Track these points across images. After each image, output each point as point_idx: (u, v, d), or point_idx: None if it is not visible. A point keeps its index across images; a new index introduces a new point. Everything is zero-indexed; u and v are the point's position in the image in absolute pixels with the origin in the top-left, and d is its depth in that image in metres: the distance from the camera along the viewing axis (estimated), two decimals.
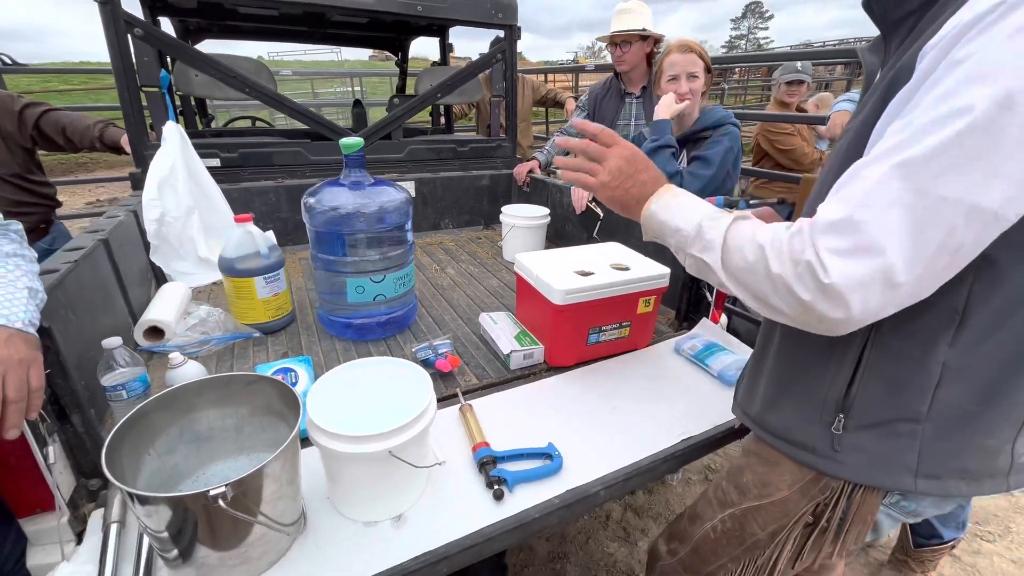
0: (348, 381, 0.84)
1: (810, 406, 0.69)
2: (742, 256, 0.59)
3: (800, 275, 0.53)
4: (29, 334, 0.67)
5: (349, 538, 0.76)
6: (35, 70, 3.48)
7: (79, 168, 8.57)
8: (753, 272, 0.58)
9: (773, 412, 0.74)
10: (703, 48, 1.57)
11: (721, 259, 0.62)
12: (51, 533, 0.76)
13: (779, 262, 0.55)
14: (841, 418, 0.65)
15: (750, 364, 0.85)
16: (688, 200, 0.71)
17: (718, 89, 8.40)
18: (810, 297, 0.52)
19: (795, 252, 0.54)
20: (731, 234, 0.62)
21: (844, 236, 0.50)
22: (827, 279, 0.50)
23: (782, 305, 0.56)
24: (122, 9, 1.55)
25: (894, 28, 0.62)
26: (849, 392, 0.65)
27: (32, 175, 1.90)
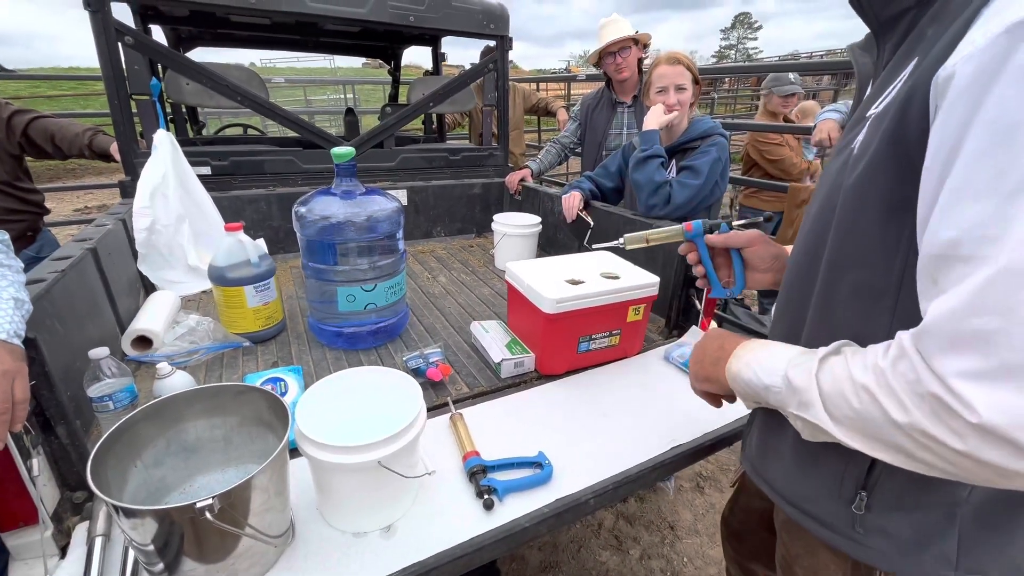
0: (337, 391, 0.84)
1: (828, 479, 0.61)
2: (848, 405, 0.47)
3: (935, 415, 0.40)
4: (14, 345, 0.66)
5: (338, 549, 0.75)
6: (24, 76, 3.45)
7: (67, 174, 8.49)
8: (871, 421, 0.45)
9: (792, 480, 0.67)
10: (691, 60, 1.59)
11: (828, 413, 0.50)
12: (34, 547, 0.75)
13: (897, 404, 0.43)
14: (863, 496, 0.57)
15: (759, 416, 0.75)
16: (767, 348, 0.61)
17: (708, 98, 8.51)
18: (967, 445, 0.39)
19: (911, 384, 0.42)
20: (824, 380, 0.50)
21: (977, 353, 0.38)
22: (974, 418, 0.38)
23: (932, 459, 0.43)
24: (113, 17, 1.55)
25: (887, 27, 0.57)
26: (872, 470, 0.56)
27: (20, 182, 1.88)
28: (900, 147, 0.47)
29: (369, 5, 1.86)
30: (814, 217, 0.61)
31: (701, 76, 1.65)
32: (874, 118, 0.52)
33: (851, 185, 0.52)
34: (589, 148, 2.42)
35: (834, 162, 0.58)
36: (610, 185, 1.89)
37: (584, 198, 1.81)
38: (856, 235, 0.53)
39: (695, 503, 2.01)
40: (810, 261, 0.61)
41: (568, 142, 2.46)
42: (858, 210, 0.52)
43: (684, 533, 1.88)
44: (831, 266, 0.57)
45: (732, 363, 0.65)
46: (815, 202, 0.62)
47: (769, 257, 0.81)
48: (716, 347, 0.70)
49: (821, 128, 2.13)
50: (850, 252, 0.54)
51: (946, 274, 0.41)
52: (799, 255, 0.65)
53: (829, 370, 0.50)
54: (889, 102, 0.50)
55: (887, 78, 0.53)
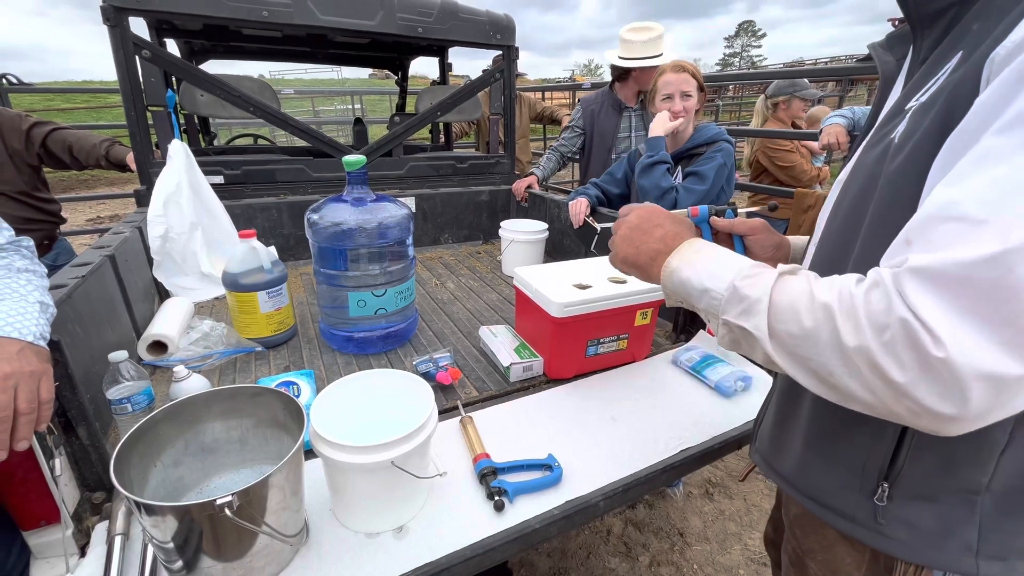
0: (351, 393, 0.85)
1: (848, 471, 0.60)
2: (797, 321, 0.47)
3: (890, 344, 0.40)
4: (40, 347, 0.69)
5: (351, 549, 0.76)
6: (40, 89, 3.54)
7: (80, 185, 8.64)
8: (813, 342, 0.45)
9: (808, 471, 0.66)
10: (696, 67, 1.61)
11: (768, 325, 0.49)
12: (55, 546, 0.77)
13: (853, 326, 0.43)
14: (885, 487, 0.56)
15: (772, 408, 0.75)
16: (717, 254, 0.60)
17: (712, 106, 8.55)
18: (906, 378, 0.40)
19: (876, 311, 0.41)
20: (779, 292, 0.50)
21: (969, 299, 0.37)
22: (939, 351, 0.38)
23: (855, 387, 0.44)
24: (131, 32, 1.59)
25: (927, 23, 0.56)
26: (895, 461, 0.55)
27: (38, 192, 1.93)
28: (949, 131, 0.45)
29: (379, 17, 1.90)
30: (848, 209, 0.59)
31: (705, 83, 1.67)
32: (917, 109, 0.51)
33: (893, 171, 0.51)
34: (598, 153, 2.44)
35: (868, 154, 0.57)
36: (616, 191, 1.90)
37: (591, 204, 1.82)
38: (895, 223, 0.49)
39: (704, 510, 2.00)
40: (840, 253, 0.59)
41: (566, 151, 2.48)
42: (899, 197, 0.50)
43: (694, 540, 1.86)
44: (865, 253, 0.55)
45: (672, 259, 0.63)
46: (846, 196, 0.60)
47: (771, 246, 0.82)
48: (656, 238, 0.67)
49: (828, 132, 2.14)
50: (884, 240, 0.50)
51: (928, 231, 0.41)
52: (826, 248, 0.63)
53: (787, 284, 0.50)
54: (936, 91, 0.49)
55: (928, 71, 0.53)
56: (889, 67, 0.64)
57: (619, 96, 2.38)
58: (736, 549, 1.82)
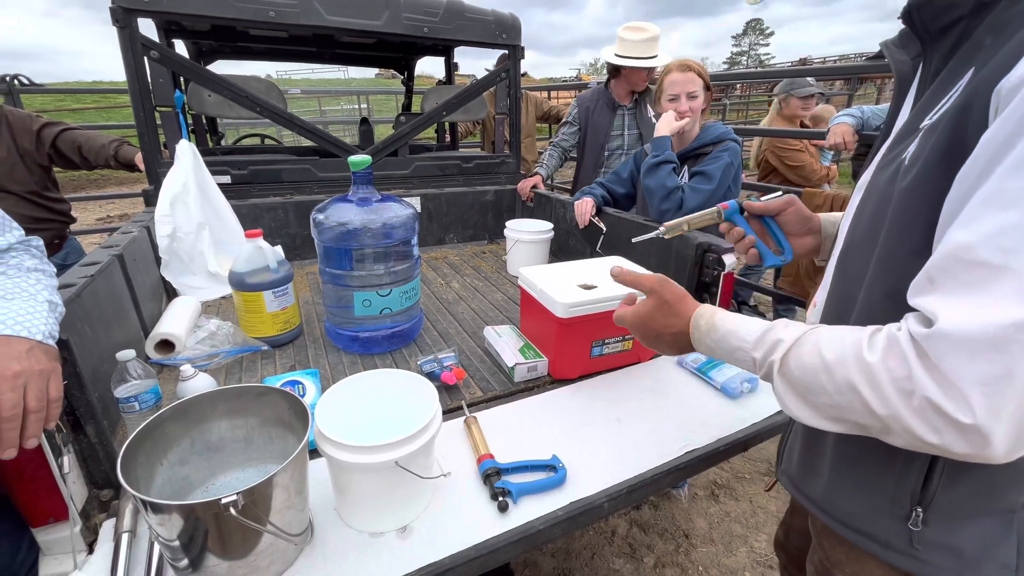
0: (355, 393, 0.85)
1: (879, 497, 0.59)
2: (824, 392, 0.50)
3: (919, 411, 0.42)
4: (49, 346, 0.69)
5: (355, 549, 0.76)
6: (50, 90, 3.59)
7: (90, 184, 8.73)
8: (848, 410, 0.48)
9: (837, 496, 0.65)
10: (702, 67, 1.60)
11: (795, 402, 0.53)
12: (63, 543, 0.78)
13: (880, 398, 0.45)
14: (919, 512, 0.56)
15: (799, 431, 0.74)
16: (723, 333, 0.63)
17: (719, 105, 8.50)
18: (940, 439, 0.42)
19: (899, 379, 0.43)
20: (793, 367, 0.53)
21: (986, 358, 0.39)
22: (966, 418, 0.40)
23: (894, 440, 0.47)
24: (139, 33, 1.60)
25: (937, 37, 0.55)
26: (927, 486, 0.55)
27: (48, 192, 1.95)
28: (953, 162, 0.45)
29: (384, 17, 1.91)
30: (864, 230, 0.59)
31: (712, 82, 1.66)
32: (926, 130, 0.51)
33: (901, 192, 0.51)
34: (591, 150, 2.46)
35: (882, 174, 0.57)
36: (622, 191, 1.89)
37: (596, 204, 1.82)
38: (906, 246, 0.51)
39: (710, 511, 1.99)
40: (858, 274, 0.59)
41: (567, 145, 2.51)
42: (908, 220, 0.51)
43: (699, 542, 1.85)
44: (879, 276, 0.55)
45: (698, 346, 0.67)
46: (863, 216, 0.60)
47: (803, 219, 0.82)
48: (667, 341, 0.71)
49: (835, 132, 2.12)
50: (897, 265, 0.52)
51: (950, 275, 0.42)
52: (847, 267, 0.63)
53: (796, 361, 0.53)
54: (942, 114, 0.49)
55: (939, 89, 0.53)
56: (904, 67, 0.62)
57: (613, 94, 2.40)
58: (742, 551, 1.81)
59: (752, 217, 0.86)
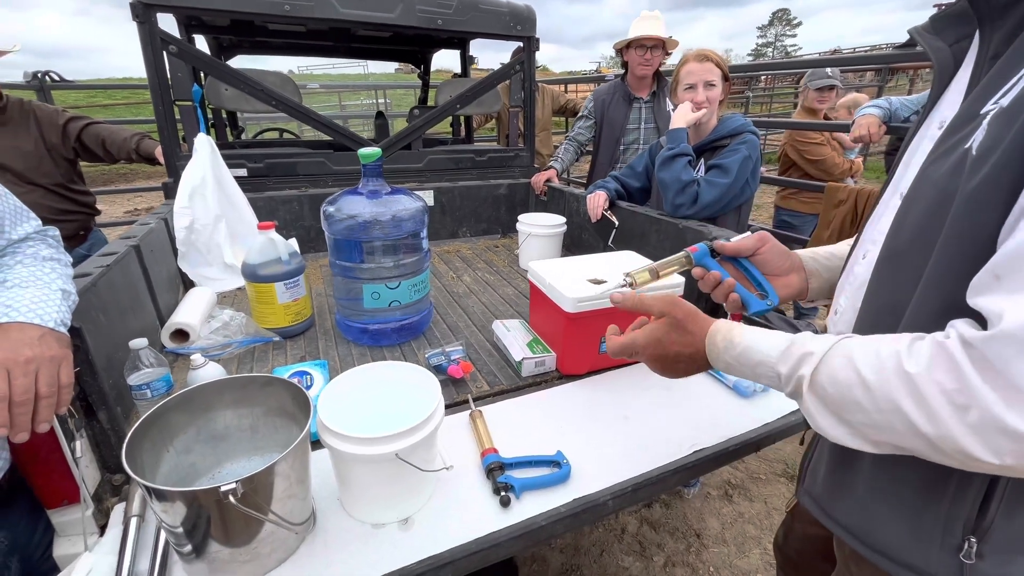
0: (359, 385, 0.85)
1: (925, 524, 0.53)
2: (861, 410, 0.46)
3: (977, 428, 0.38)
4: (61, 333, 0.71)
5: (357, 539, 0.77)
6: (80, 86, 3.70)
7: (119, 178, 8.99)
8: (889, 432, 0.44)
9: (875, 521, 0.59)
10: (721, 56, 1.56)
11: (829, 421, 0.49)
12: (76, 525, 0.80)
13: (926, 415, 0.40)
14: (972, 543, 0.50)
15: (825, 447, 0.68)
16: (743, 349, 0.58)
17: (742, 97, 8.30)
18: (1001, 460, 0.38)
19: (950, 392, 0.39)
20: (826, 382, 0.48)
21: None
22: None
23: (945, 460, 0.42)
24: (159, 28, 1.63)
25: (998, 14, 0.50)
26: (985, 512, 0.49)
27: (74, 184, 2.00)
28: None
29: (398, 10, 1.90)
30: (915, 229, 0.52)
31: (734, 74, 1.62)
32: (998, 115, 0.45)
33: (975, 188, 0.45)
34: (606, 143, 2.43)
35: (937, 167, 0.50)
36: (636, 185, 1.86)
37: (609, 198, 1.79)
38: (978, 246, 0.44)
39: (722, 511, 1.96)
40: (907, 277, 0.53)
41: (583, 139, 2.50)
42: (982, 218, 0.44)
43: (711, 542, 1.83)
44: (939, 278, 0.49)
45: (717, 365, 0.63)
46: (910, 213, 0.53)
47: (781, 256, 0.77)
48: (683, 368, 0.68)
49: (860, 124, 2.05)
50: (964, 265, 0.46)
51: (1018, 271, 0.37)
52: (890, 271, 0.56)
53: (829, 377, 0.48)
54: (1020, 95, 0.43)
55: (1006, 69, 0.47)
56: (942, 55, 0.57)
57: (630, 86, 2.37)
58: (755, 553, 1.78)
59: (725, 260, 0.79)
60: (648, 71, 2.27)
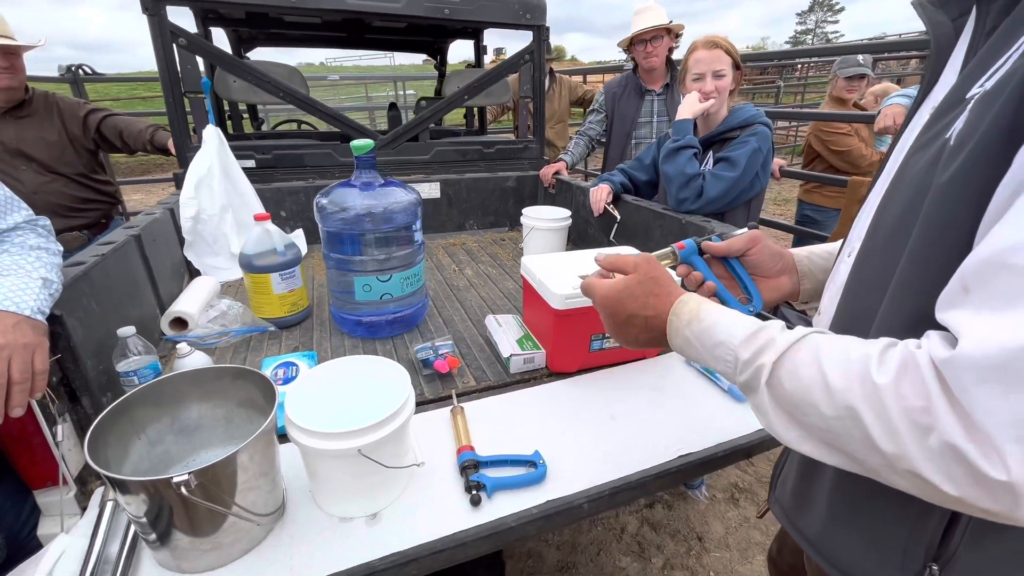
0: (331, 379, 0.85)
1: (886, 547, 0.51)
2: (818, 413, 0.42)
3: (937, 454, 0.35)
4: (37, 321, 0.73)
5: (323, 533, 0.77)
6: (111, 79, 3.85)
7: (156, 168, 9.33)
8: (846, 439, 0.40)
9: (836, 539, 0.57)
10: (731, 43, 1.48)
11: (781, 422, 0.46)
12: (60, 506, 0.83)
13: (887, 430, 0.37)
14: (934, 570, 0.48)
15: (794, 456, 0.66)
16: (708, 325, 0.54)
17: (773, 87, 7.93)
18: (959, 492, 0.34)
19: (913, 409, 0.35)
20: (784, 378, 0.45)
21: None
22: (998, 473, 0.32)
23: (902, 484, 0.38)
24: (168, 20, 1.66)
25: None
26: (947, 539, 0.46)
27: (95, 174, 2.08)
28: (1021, 132, 0.36)
29: (404, 0, 1.89)
30: (891, 227, 0.48)
31: (754, 64, 1.54)
32: (979, 99, 0.41)
33: (947, 182, 0.41)
34: (617, 137, 2.37)
35: (918, 157, 0.47)
36: (644, 178, 1.81)
37: (613, 191, 1.74)
38: (947, 251, 0.41)
39: (727, 515, 1.91)
40: (877, 282, 0.50)
41: (594, 133, 2.45)
42: (953, 217, 0.40)
43: (713, 546, 1.78)
44: (905, 285, 0.46)
45: (673, 341, 0.58)
46: (888, 209, 0.50)
47: (773, 258, 0.72)
48: (639, 328, 0.61)
49: (886, 114, 1.93)
50: (932, 272, 0.42)
51: (988, 284, 0.33)
52: (864, 274, 0.53)
53: (790, 371, 0.44)
54: (1006, 75, 0.39)
55: (996, 47, 0.42)
56: (943, 30, 0.51)
57: (641, 79, 2.30)
58: (759, 559, 1.72)
59: (714, 259, 0.75)
60: (656, 62, 2.20)
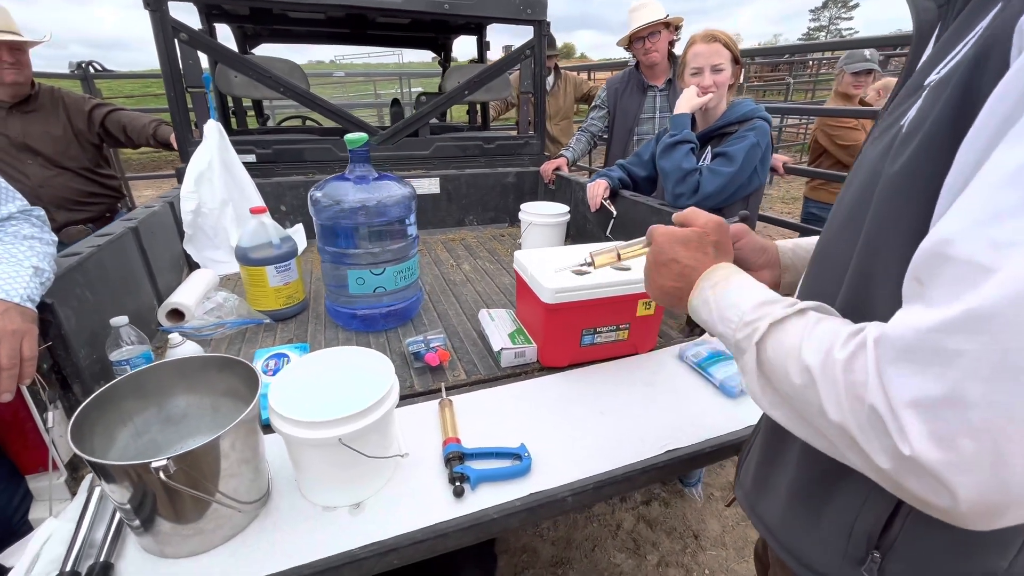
0: (316, 369, 0.86)
1: (834, 532, 0.51)
2: (788, 380, 0.42)
3: (866, 427, 0.35)
4: (26, 308, 0.74)
5: (306, 521, 0.77)
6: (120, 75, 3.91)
7: (167, 164, 9.42)
8: (806, 404, 0.40)
9: (792, 525, 0.57)
10: (730, 37, 1.47)
11: (758, 384, 0.46)
12: (53, 490, 0.84)
13: (835, 399, 0.37)
14: (876, 558, 0.48)
15: (758, 444, 0.66)
16: (728, 289, 0.53)
17: (783, 83, 7.81)
18: (890, 465, 0.34)
19: (856, 384, 0.36)
20: (770, 344, 0.44)
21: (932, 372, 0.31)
22: (904, 447, 0.32)
23: (863, 466, 0.38)
24: (170, 16, 1.68)
25: None
26: (889, 528, 0.47)
27: (100, 168, 2.10)
28: (967, 120, 0.35)
29: None
30: (845, 216, 0.49)
31: (741, 56, 1.52)
32: (932, 87, 0.40)
33: (896, 171, 0.41)
34: (619, 133, 2.36)
35: (875, 146, 0.47)
36: (643, 174, 1.80)
37: (610, 186, 1.73)
38: (897, 240, 0.41)
39: (724, 513, 1.89)
40: (834, 273, 0.50)
41: (596, 129, 2.45)
42: (903, 203, 0.40)
43: (709, 544, 1.77)
44: (861, 276, 0.46)
45: (694, 298, 0.57)
46: (844, 198, 0.50)
47: (757, 251, 0.71)
48: (674, 274, 0.60)
49: None
50: (885, 261, 0.42)
51: (931, 274, 0.34)
52: (822, 264, 0.54)
53: (780, 335, 0.44)
54: (956, 64, 0.38)
55: (957, 32, 0.41)
56: (927, 16, 0.49)
57: (643, 75, 2.28)
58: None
59: None
60: (656, 58, 2.19)
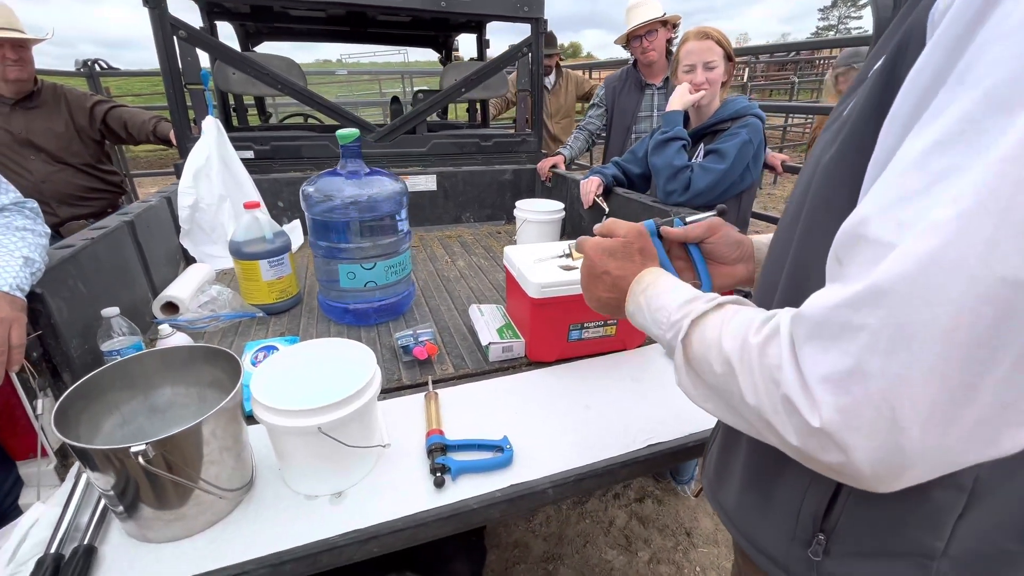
0: (300, 360, 0.87)
1: (783, 515, 0.53)
2: (712, 372, 0.44)
3: (779, 408, 0.37)
4: (15, 297, 0.76)
5: (288, 509, 0.79)
6: (125, 73, 3.95)
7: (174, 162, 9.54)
8: (729, 394, 0.42)
9: (746, 509, 0.59)
10: (723, 34, 1.47)
11: (689, 380, 0.47)
12: (43, 476, 0.86)
13: (751, 384, 0.39)
14: (821, 539, 0.50)
15: (722, 430, 0.67)
16: (658, 292, 0.55)
17: (787, 83, 7.77)
18: (801, 442, 0.36)
19: (770, 367, 0.38)
20: (694, 339, 0.46)
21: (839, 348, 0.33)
22: (814, 420, 0.34)
23: (782, 446, 0.40)
24: (169, 13, 1.70)
25: None
26: (831, 510, 0.48)
27: (102, 164, 2.13)
28: (888, 107, 0.37)
29: None
30: (793, 205, 0.51)
31: (734, 54, 1.52)
32: (871, 76, 0.42)
33: (828, 159, 0.43)
34: (617, 132, 2.36)
35: (822, 138, 0.48)
36: (638, 171, 1.80)
37: (603, 183, 1.74)
38: (828, 226, 0.41)
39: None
40: (779, 261, 0.52)
41: (594, 128, 2.45)
42: (834, 189, 0.43)
43: (701, 541, 1.77)
44: (798, 263, 0.48)
45: (628, 305, 0.59)
46: (797, 187, 0.51)
47: (732, 245, 0.72)
48: (607, 285, 0.62)
49: None
50: (819, 247, 0.43)
51: (848, 254, 0.35)
52: (773, 253, 0.55)
53: (701, 329, 0.46)
54: (886, 57, 0.40)
55: (894, 28, 0.43)
56: (886, 13, 0.49)
57: (641, 73, 2.29)
58: None
59: (674, 243, 0.75)
60: (653, 56, 2.20)
